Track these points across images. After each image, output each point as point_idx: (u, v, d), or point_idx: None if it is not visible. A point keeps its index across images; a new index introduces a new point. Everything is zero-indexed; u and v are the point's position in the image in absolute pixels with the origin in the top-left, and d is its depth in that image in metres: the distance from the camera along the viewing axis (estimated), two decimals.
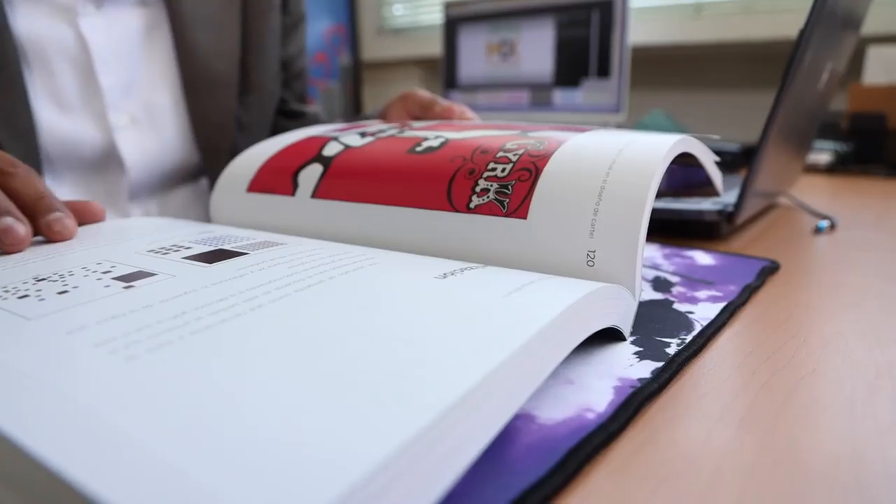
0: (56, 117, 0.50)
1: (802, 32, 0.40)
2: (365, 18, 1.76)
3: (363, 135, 0.38)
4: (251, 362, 0.16)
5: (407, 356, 0.16)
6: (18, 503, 0.12)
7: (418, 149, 0.34)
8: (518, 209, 0.28)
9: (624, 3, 1.16)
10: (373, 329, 0.18)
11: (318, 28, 1.66)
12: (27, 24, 0.49)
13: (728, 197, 0.46)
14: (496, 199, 0.28)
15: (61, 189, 0.52)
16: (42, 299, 0.21)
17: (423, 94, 0.53)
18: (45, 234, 0.31)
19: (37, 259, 0.27)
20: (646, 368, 0.22)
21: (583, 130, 0.33)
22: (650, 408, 0.20)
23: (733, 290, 0.32)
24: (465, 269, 0.24)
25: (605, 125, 1.19)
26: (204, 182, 0.61)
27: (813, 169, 0.89)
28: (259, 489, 0.11)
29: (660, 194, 0.43)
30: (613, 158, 0.27)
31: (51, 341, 0.17)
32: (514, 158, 0.30)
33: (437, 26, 1.57)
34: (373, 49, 1.75)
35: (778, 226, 0.52)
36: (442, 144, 0.33)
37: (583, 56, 1.21)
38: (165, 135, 0.57)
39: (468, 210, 0.29)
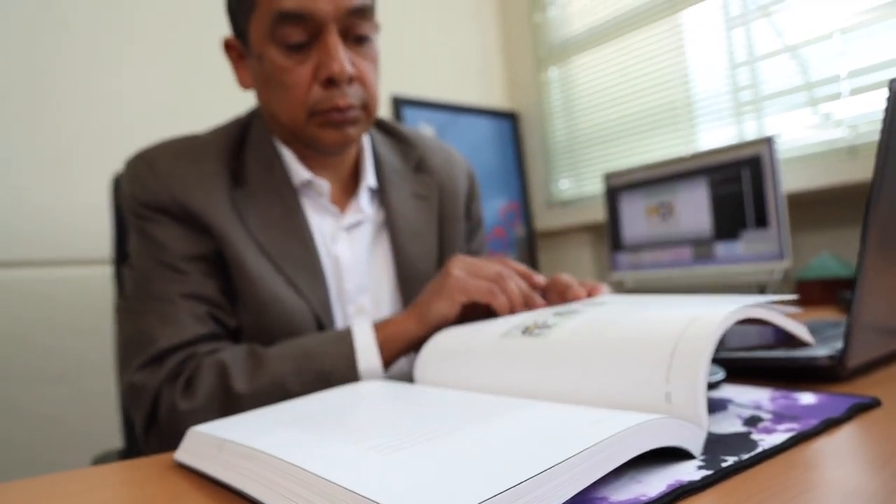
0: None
1: (876, 161, 0.43)
2: (535, 194, 2.01)
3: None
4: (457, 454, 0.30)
5: (526, 449, 0.29)
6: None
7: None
8: None
9: (772, 156, 1.23)
10: (507, 432, 0.32)
11: (495, 206, 1.94)
12: None
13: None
14: None
15: None
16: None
17: (564, 278, 0.67)
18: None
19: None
20: (699, 475, 0.32)
21: (671, 306, 0.45)
22: (693, 498, 0.30)
23: (813, 422, 0.39)
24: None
25: (770, 273, 1.22)
26: (412, 353, 0.81)
27: None
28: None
29: (765, 347, 0.52)
30: (682, 330, 0.39)
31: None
32: None
33: (599, 195, 1.76)
34: (544, 220, 1.97)
35: None
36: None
37: (739, 209, 1.28)
38: None
39: None
